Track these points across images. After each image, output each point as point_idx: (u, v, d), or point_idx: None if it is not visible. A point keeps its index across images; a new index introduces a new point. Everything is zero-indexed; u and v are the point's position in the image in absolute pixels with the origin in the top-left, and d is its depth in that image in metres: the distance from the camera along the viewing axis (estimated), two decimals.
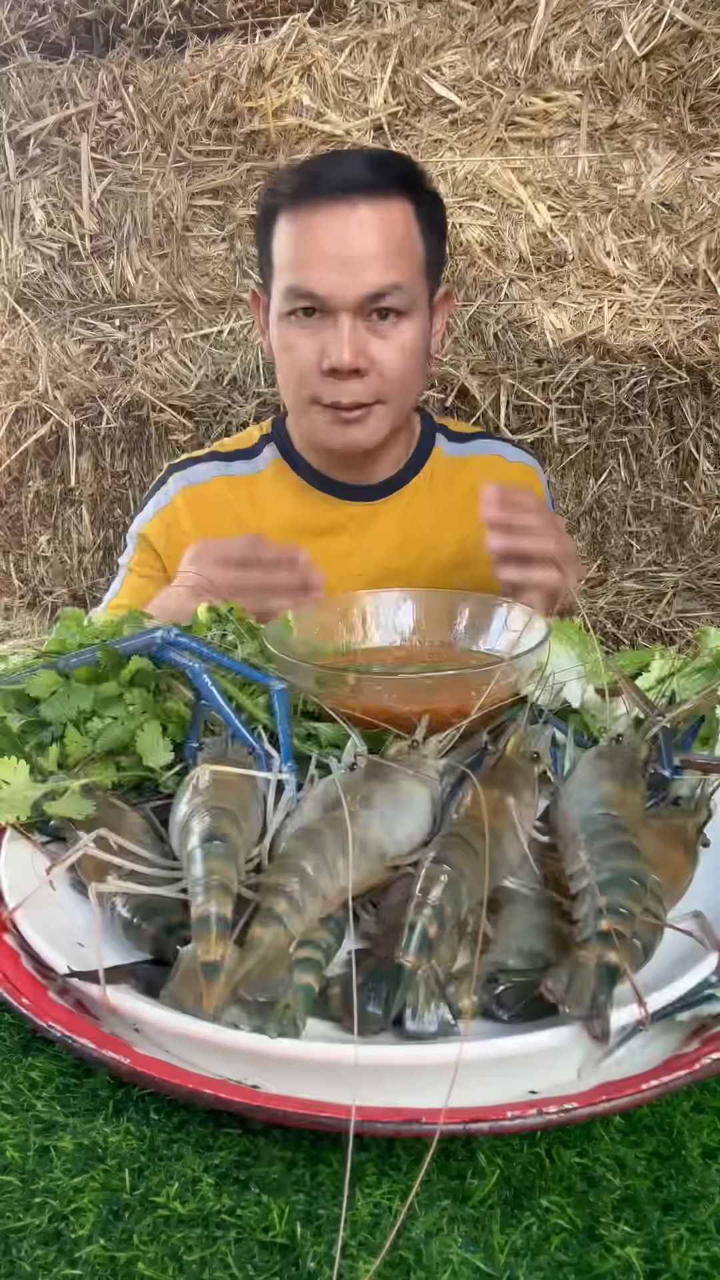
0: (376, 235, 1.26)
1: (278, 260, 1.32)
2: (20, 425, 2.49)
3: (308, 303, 1.28)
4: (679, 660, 0.93)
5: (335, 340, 1.27)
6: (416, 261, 1.32)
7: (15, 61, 2.32)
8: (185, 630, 0.84)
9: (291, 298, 1.29)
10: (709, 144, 2.13)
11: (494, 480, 1.48)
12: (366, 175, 1.27)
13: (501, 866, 0.63)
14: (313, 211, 1.26)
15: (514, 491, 1.16)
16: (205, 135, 2.25)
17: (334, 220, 1.26)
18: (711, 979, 0.56)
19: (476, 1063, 0.51)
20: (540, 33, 2.07)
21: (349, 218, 1.25)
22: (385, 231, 1.27)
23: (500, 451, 1.55)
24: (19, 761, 0.70)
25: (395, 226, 1.28)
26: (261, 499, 1.49)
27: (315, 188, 1.27)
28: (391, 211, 1.28)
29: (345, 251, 1.26)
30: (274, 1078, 0.52)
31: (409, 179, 1.32)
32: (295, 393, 1.36)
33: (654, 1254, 0.45)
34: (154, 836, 0.70)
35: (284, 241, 1.30)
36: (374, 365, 1.30)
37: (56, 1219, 0.46)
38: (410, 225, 1.30)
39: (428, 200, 1.34)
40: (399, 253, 1.28)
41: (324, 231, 1.26)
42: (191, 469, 1.51)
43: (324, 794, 0.70)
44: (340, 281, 1.26)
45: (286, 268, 1.30)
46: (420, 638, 1.00)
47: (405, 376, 1.34)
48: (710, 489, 2.32)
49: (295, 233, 1.29)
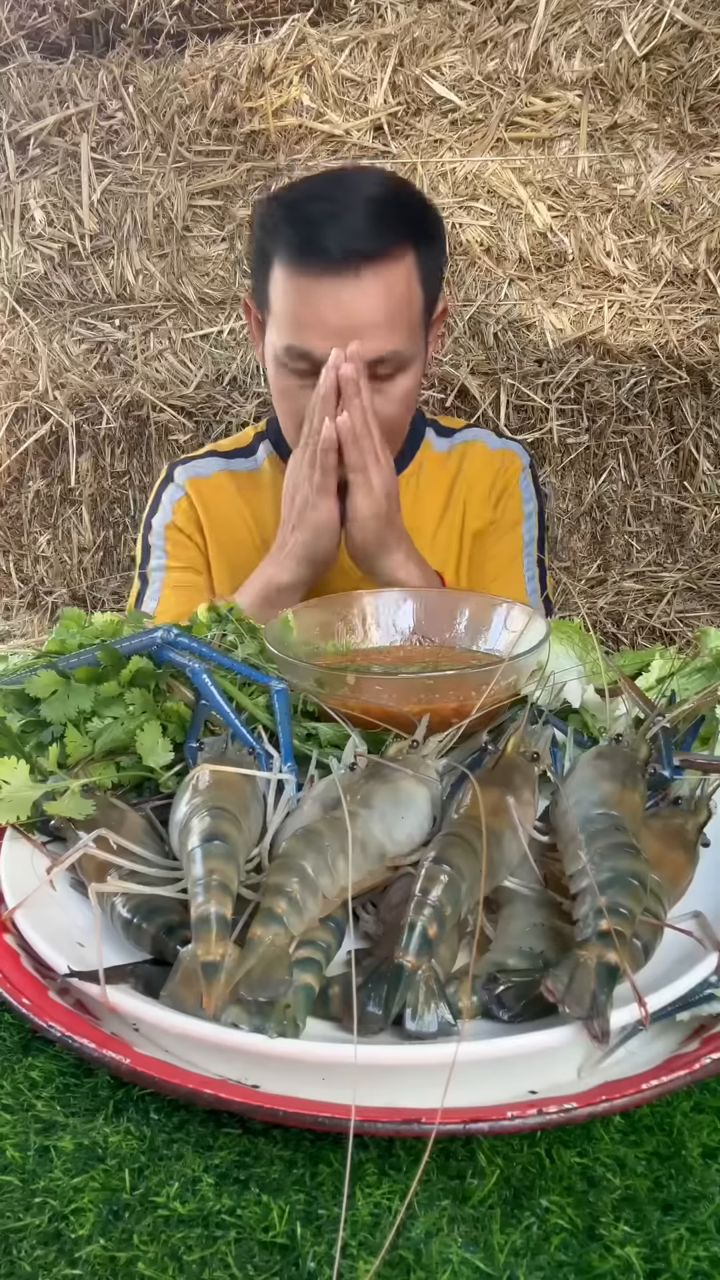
0: (379, 303, 1.22)
1: (274, 308, 1.28)
2: (20, 425, 2.49)
3: (307, 364, 1.25)
4: (679, 660, 0.93)
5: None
6: (416, 315, 1.29)
7: (15, 61, 2.32)
8: (185, 630, 0.84)
9: (290, 356, 1.27)
10: (709, 144, 2.13)
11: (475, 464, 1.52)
12: (369, 236, 1.21)
13: (501, 866, 0.63)
14: (312, 278, 1.22)
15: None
16: (205, 135, 2.25)
17: (335, 288, 1.21)
18: (711, 979, 0.56)
19: (476, 1063, 0.51)
20: (540, 33, 2.07)
21: (351, 287, 1.21)
22: (387, 296, 1.23)
23: (483, 438, 1.54)
24: (19, 761, 0.70)
25: (398, 287, 1.24)
26: (262, 494, 1.49)
27: (315, 254, 1.21)
28: (394, 272, 1.23)
29: (347, 322, 1.22)
30: (274, 1078, 0.52)
31: (414, 224, 1.27)
32: (290, 430, 1.34)
33: (654, 1254, 0.45)
34: (154, 836, 0.70)
35: (281, 295, 1.26)
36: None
37: (56, 1219, 0.46)
38: (411, 280, 1.26)
39: (428, 237, 1.29)
40: (400, 315, 1.25)
41: (325, 300, 1.22)
42: (194, 464, 1.52)
43: (324, 794, 0.70)
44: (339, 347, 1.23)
45: (285, 325, 1.26)
46: (420, 638, 1.00)
47: (400, 420, 1.34)
48: (710, 489, 2.32)
49: (293, 293, 1.24)
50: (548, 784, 0.71)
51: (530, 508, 1.54)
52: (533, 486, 1.55)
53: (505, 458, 1.53)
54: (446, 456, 1.52)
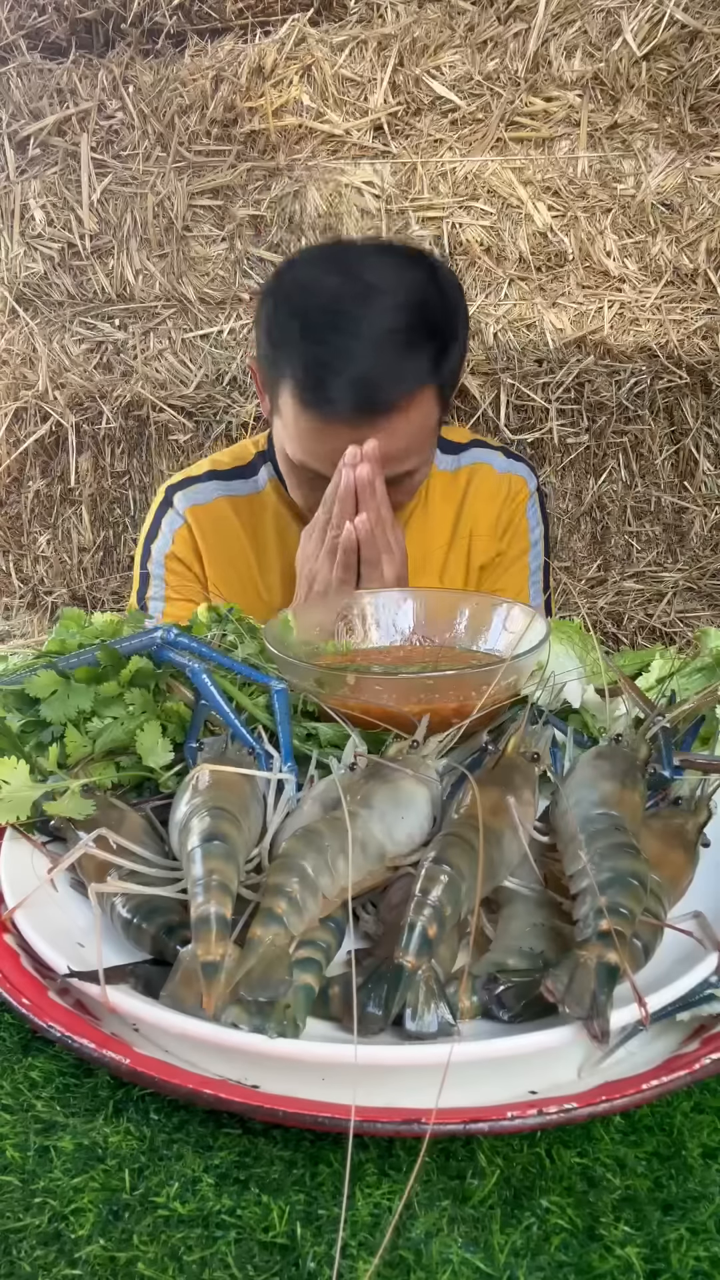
0: (397, 443, 1.18)
1: (285, 419, 1.22)
2: (20, 425, 2.49)
3: (318, 478, 1.21)
4: (679, 660, 0.93)
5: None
6: (433, 432, 1.25)
7: (15, 61, 2.32)
8: (185, 630, 0.84)
9: (301, 468, 1.23)
10: (709, 144, 2.13)
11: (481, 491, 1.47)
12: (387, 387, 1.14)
13: (501, 866, 0.63)
14: (325, 424, 1.16)
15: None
16: (205, 135, 2.25)
17: (350, 436, 1.15)
18: (711, 979, 0.56)
19: (476, 1063, 0.51)
20: (540, 33, 2.07)
21: (366, 432, 1.15)
22: (406, 436, 1.19)
23: (490, 460, 1.49)
24: (19, 761, 0.70)
25: (415, 421, 1.19)
26: (263, 520, 1.45)
27: (328, 405, 1.14)
28: (412, 411, 1.17)
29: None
30: (274, 1078, 0.52)
31: (437, 355, 1.19)
32: (300, 498, 1.32)
33: (654, 1254, 0.45)
34: (154, 836, 0.70)
35: (292, 420, 1.20)
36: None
37: (56, 1219, 0.46)
38: (431, 408, 1.21)
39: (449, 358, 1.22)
40: (416, 444, 1.21)
41: (337, 440, 1.15)
42: (192, 488, 1.45)
43: (324, 794, 0.70)
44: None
45: (295, 445, 1.22)
46: (420, 638, 1.00)
47: (415, 498, 1.35)
48: (710, 489, 2.32)
49: (305, 429, 1.19)
50: (548, 784, 0.71)
51: (537, 534, 1.51)
52: (540, 512, 1.52)
53: (513, 484, 1.49)
54: (453, 478, 1.48)
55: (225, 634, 0.94)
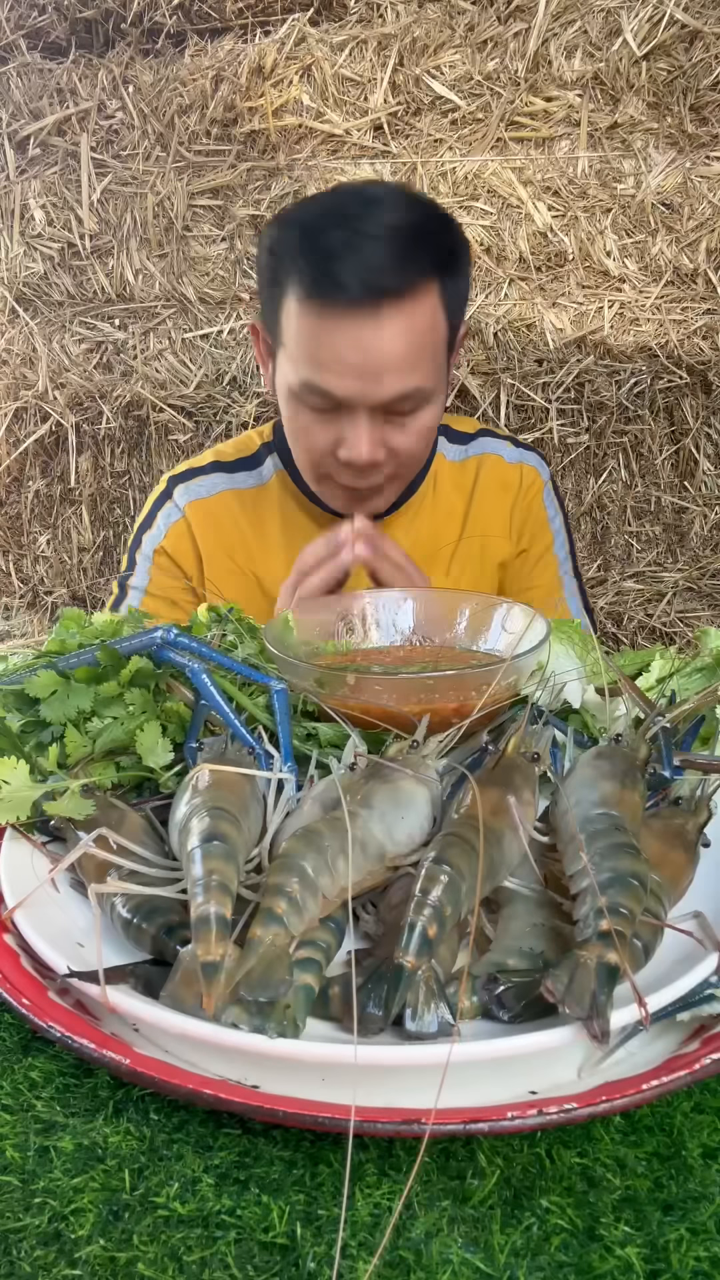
0: (401, 342, 1.15)
1: (287, 342, 1.21)
2: (20, 425, 2.49)
3: (324, 401, 1.19)
4: (679, 660, 0.93)
5: (353, 437, 1.19)
6: (440, 351, 1.22)
7: (15, 61, 2.32)
8: (185, 630, 0.84)
9: (305, 392, 1.20)
10: (709, 144, 2.13)
11: (492, 482, 1.45)
12: (391, 272, 1.14)
13: (502, 867, 0.63)
14: (330, 316, 1.15)
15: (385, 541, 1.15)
16: (205, 135, 2.25)
17: (354, 329, 1.14)
18: (711, 979, 0.56)
19: (476, 1063, 0.51)
20: (540, 33, 2.07)
21: (371, 326, 1.14)
22: (410, 334, 1.16)
23: (499, 451, 1.48)
24: (19, 761, 0.70)
25: (421, 322, 1.17)
26: (268, 515, 1.43)
27: (332, 290, 1.14)
28: (417, 308, 1.16)
29: (366, 360, 1.15)
30: (274, 1078, 0.52)
31: (439, 254, 1.19)
32: (304, 459, 1.29)
33: (654, 1254, 0.45)
34: (154, 836, 0.70)
35: (295, 330, 1.19)
36: (392, 454, 1.23)
37: (56, 1219, 0.46)
38: (436, 312, 1.19)
39: (454, 266, 1.22)
40: (423, 351, 1.18)
41: (343, 340, 1.15)
42: (195, 481, 1.43)
43: (324, 794, 0.70)
44: (359, 386, 1.16)
45: (299, 360, 1.19)
46: (420, 638, 1.00)
47: (423, 451, 1.28)
48: (710, 489, 2.32)
49: (309, 330, 1.17)
50: (548, 784, 0.72)
51: (557, 524, 1.49)
52: (556, 500, 1.49)
53: (525, 475, 1.46)
54: (460, 468, 1.46)
55: (225, 634, 0.94)
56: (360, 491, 1.28)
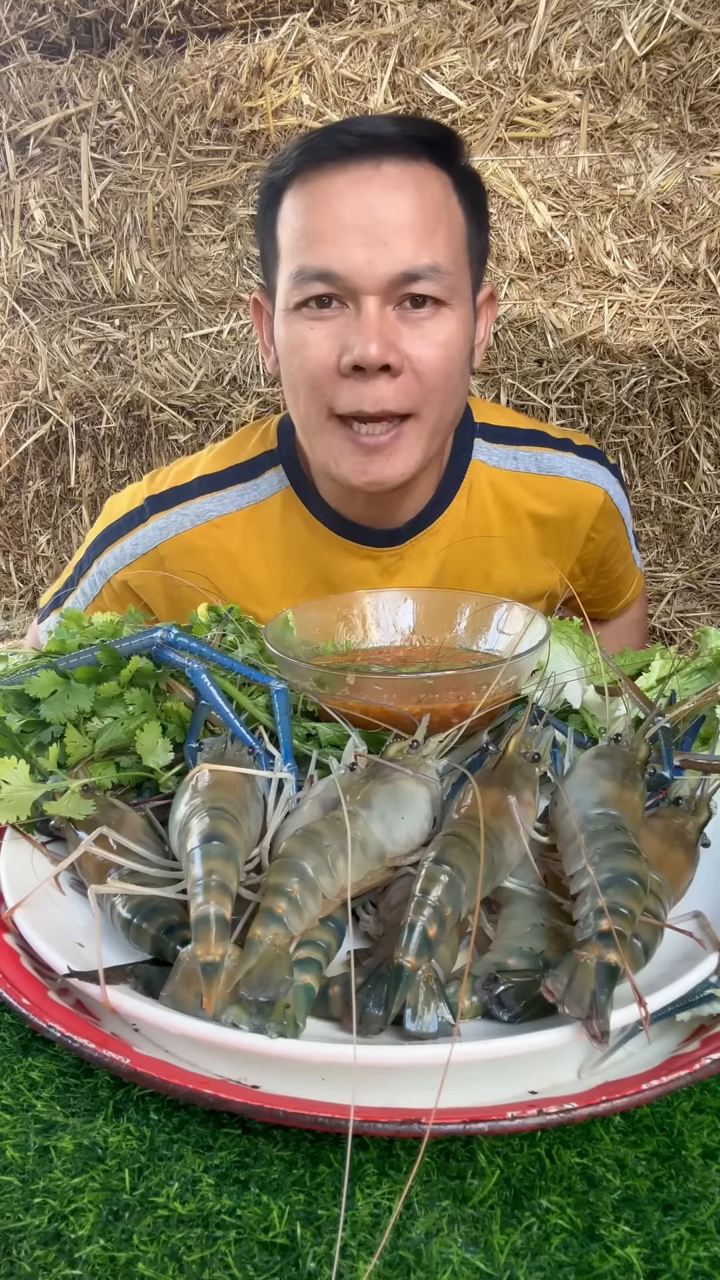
0: (409, 199, 1.01)
1: (284, 243, 1.06)
2: (20, 425, 2.49)
3: (323, 287, 1.02)
4: (679, 660, 0.93)
5: (359, 330, 1.01)
6: (459, 242, 1.06)
7: (15, 61, 2.32)
8: (185, 630, 0.84)
9: (302, 283, 1.03)
10: (709, 144, 2.13)
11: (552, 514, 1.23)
12: (392, 128, 1.02)
13: (502, 867, 0.63)
14: (326, 174, 1.01)
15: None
16: (205, 135, 2.25)
17: (354, 181, 1.00)
18: (711, 979, 0.56)
19: (476, 1063, 0.51)
20: (540, 33, 2.07)
21: (373, 178, 1.00)
22: (420, 196, 1.01)
23: (560, 469, 1.25)
24: (19, 761, 0.70)
25: (431, 191, 1.03)
26: (268, 541, 1.22)
27: (330, 146, 1.01)
28: (425, 175, 1.03)
29: (370, 219, 1.00)
30: (273, 1078, 0.52)
31: (443, 146, 1.06)
32: (307, 404, 1.08)
33: (654, 1254, 0.45)
34: (154, 836, 0.70)
35: (291, 217, 1.05)
36: (408, 362, 1.03)
37: (56, 1219, 0.46)
38: (449, 196, 1.05)
39: (468, 178, 1.09)
40: (437, 224, 1.03)
41: (342, 196, 1.01)
42: (178, 510, 1.22)
43: (324, 794, 0.70)
44: (364, 257, 1.00)
45: (295, 247, 1.04)
46: (420, 638, 1.00)
47: (446, 380, 1.06)
48: (710, 489, 2.32)
49: (306, 203, 1.03)
50: (547, 784, 0.72)
51: (629, 530, 1.36)
52: (624, 500, 1.32)
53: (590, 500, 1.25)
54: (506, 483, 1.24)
55: (225, 634, 0.94)
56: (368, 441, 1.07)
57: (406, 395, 1.05)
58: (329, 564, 1.24)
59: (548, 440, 1.28)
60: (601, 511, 1.28)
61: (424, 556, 1.24)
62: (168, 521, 1.22)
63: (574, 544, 1.29)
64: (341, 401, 1.05)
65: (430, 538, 1.23)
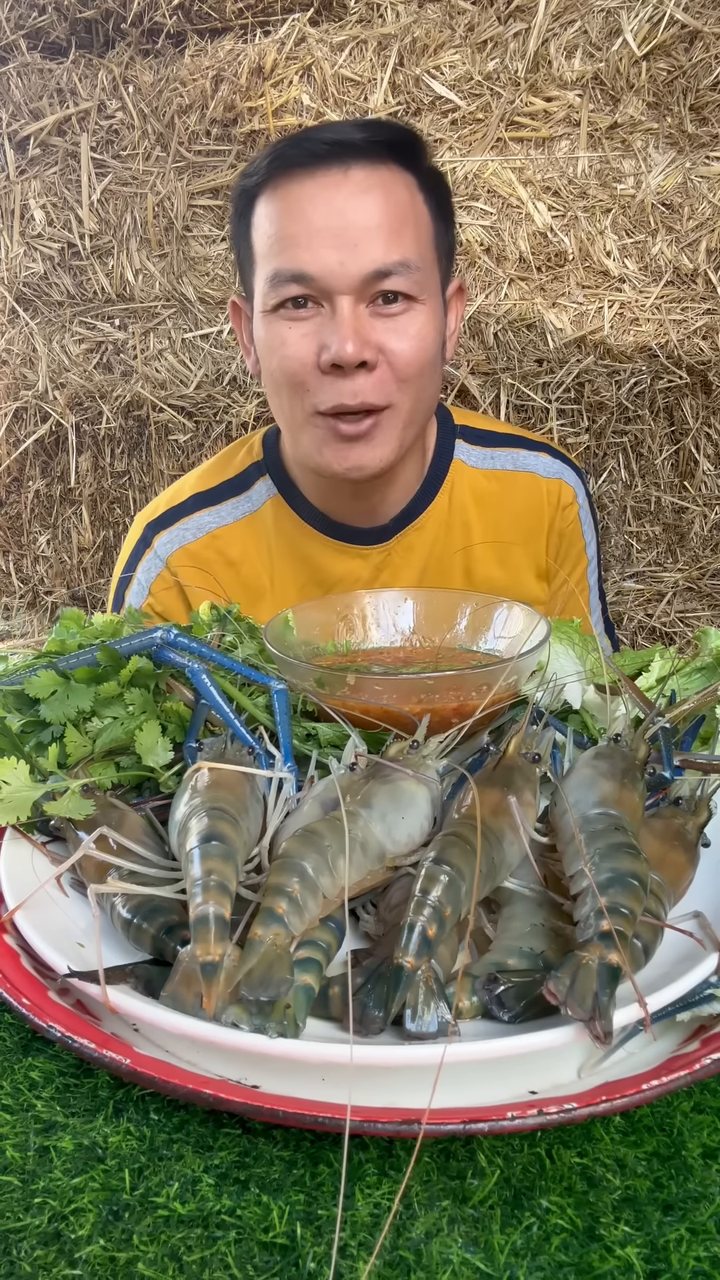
0: (376, 202, 1.07)
1: (258, 248, 1.12)
2: (20, 425, 2.49)
3: (299, 289, 1.08)
4: (679, 660, 0.93)
5: (335, 329, 1.07)
6: (426, 239, 1.12)
7: (15, 61, 2.32)
8: (185, 630, 0.84)
9: (278, 285, 1.09)
10: (709, 144, 2.13)
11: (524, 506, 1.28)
12: (359, 133, 1.08)
13: (502, 867, 0.63)
14: (296, 180, 1.07)
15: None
16: (205, 135, 2.25)
17: (324, 187, 1.07)
18: (711, 979, 0.56)
19: (476, 1063, 0.51)
20: (540, 33, 2.07)
21: (341, 184, 1.06)
22: (387, 199, 1.07)
23: (534, 467, 1.32)
24: (19, 761, 0.70)
25: (397, 194, 1.09)
26: (264, 547, 1.29)
27: (299, 153, 1.07)
28: (391, 178, 1.09)
29: (340, 222, 1.06)
30: (273, 1078, 0.52)
31: (407, 149, 1.12)
32: (289, 402, 1.14)
33: (654, 1254, 0.45)
34: (154, 836, 0.70)
35: (265, 222, 1.10)
36: (383, 355, 1.10)
37: (56, 1219, 0.46)
38: (415, 196, 1.11)
39: (432, 178, 1.15)
40: (403, 224, 1.08)
41: (312, 201, 1.07)
42: (177, 525, 1.28)
43: (324, 794, 0.70)
44: (336, 258, 1.06)
45: (270, 251, 1.09)
46: (420, 638, 1.00)
47: (420, 372, 1.12)
48: (710, 489, 2.32)
49: (279, 209, 1.09)
50: (547, 784, 0.72)
51: (592, 549, 1.37)
52: (591, 516, 1.37)
53: (560, 495, 1.32)
54: (486, 481, 1.31)
55: (225, 634, 0.94)
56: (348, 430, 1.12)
57: (383, 387, 1.11)
58: (321, 565, 1.29)
59: (525, 443, 1.35)
60: (569, 509, 1.34)
61: (410, 551, 1.30)
62: (171, 537, 1.28)
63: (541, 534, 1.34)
64: (323, 398, 1.11)
65: (415, 533, 1.30)
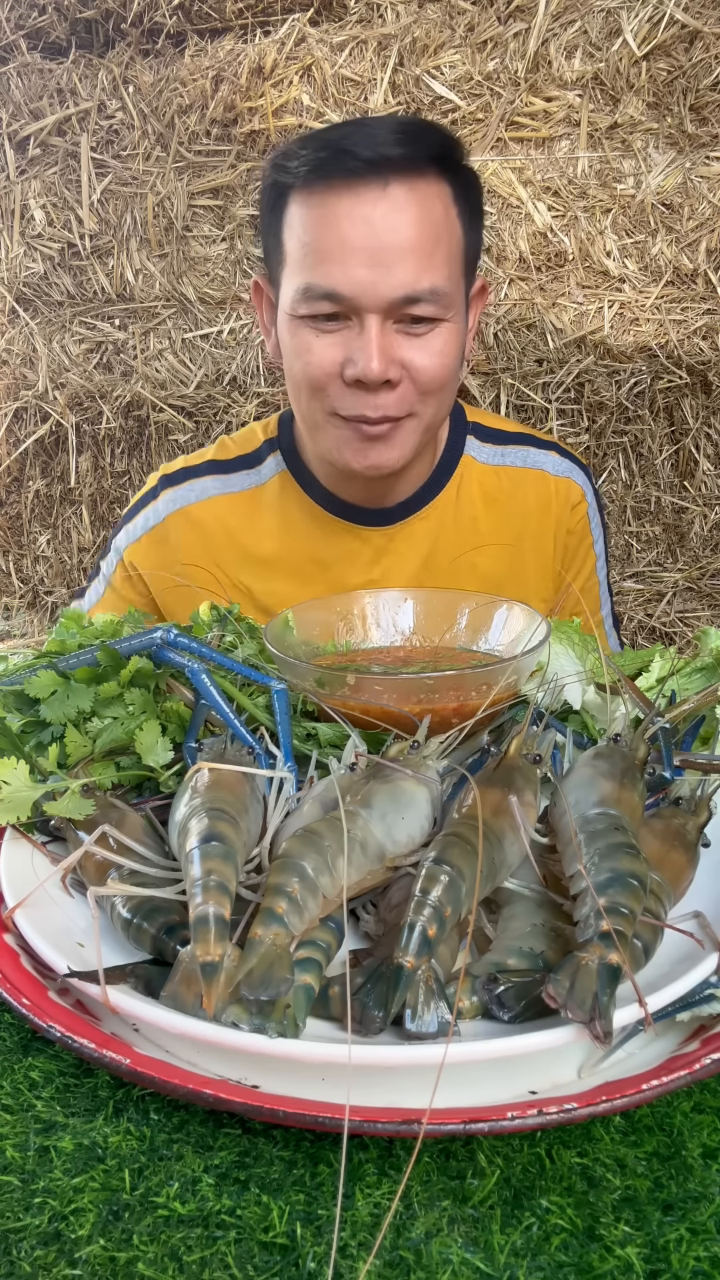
0: (412, 223, 1.06)
1: (290, 251, 1.12)
2: (20, 425, 2.49)
3: (330, 306, 1.09)
4: (679, 660, 0.93)
5: (362, 347, 1.08)
6: (456, 256, 1.13)
7: (15, 61, 2.32)
8: (185, 630, 0.84)
9: (308, 299, 1.10)
10: (709, 144, 2.13)
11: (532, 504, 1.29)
12: (399, 148, 1.06)
13: (503, 867, 0.63)
14: (334, 192, 1.06)
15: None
16: (205, 135, 2.25)
17: (361, 203, 1.06)
18: (711, 979, 0.56)
19: (476, 1063, 0.51)
20: (540, 33, 2.07)
21: (379, 201, 1.06)
22: (422, 219, 1.07)
23: (543, 465, 1.33)
24: (19, 761, 0.70)
25: (433, 212, 1.08)
26: (264, 520, 1.31)
27: (338, 161, 1.06)
28: (428, 193, 1.08)
29: (375, 242, 1.06)
30: (273, 1078, 0.52)
31: (446, 154, 1.11)
32: (308, 402, 1.17)
33: (654, 1254, 0.45)
34: (154, 836, 0.70)
35: (298, 228, 1.10)
36: (407, 371, 1.12)
37: (56, 1219, 0.46)
38: (449, 210, 1.11)
39: (466, 179, 1.14)
40: (436, 246, 1.09)
41: (349, 217, 1.06)
42: (186, 485, 1.32)
43: (324, 794, 0.70)
44: (369, 279, 1.06)
45: (302, 262, 1.10)
46: (420, 638, 1.00)
47: (443, 386, 1.15)
48: (710, 489, 2.32)
49: (313, 218, 1.08)
50: (547, 785, 0.72)
51: (600, 546, 1.38)
52: (599, 515, 1.38)
53: (569, 493, 1.33)
54: (495, 475, 1.32)
55: (225, 634, 0.94)
56: (371, 429, 1.14)
57: (405, 400, 1.14)
58: (321, 541, 1.31)
59: (535, 441, 1.37)
60: (578, 507, 1.36)
61: (413, 539, 1.31)
62: (175, 495, 1.32)
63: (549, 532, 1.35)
64: (344, 405, 1.14)
65: (420, 522, 1.31)
